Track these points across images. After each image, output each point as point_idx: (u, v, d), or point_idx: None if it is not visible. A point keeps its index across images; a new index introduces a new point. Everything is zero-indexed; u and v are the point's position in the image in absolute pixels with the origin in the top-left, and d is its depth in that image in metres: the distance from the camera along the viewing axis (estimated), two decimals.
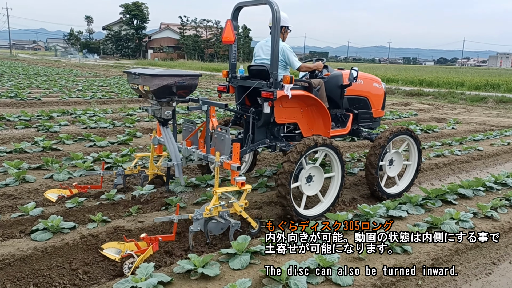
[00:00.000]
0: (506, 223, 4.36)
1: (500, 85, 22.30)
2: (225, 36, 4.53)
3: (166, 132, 4.39)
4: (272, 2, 4.30)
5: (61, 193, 4.64)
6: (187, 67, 43.34)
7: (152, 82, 3.90)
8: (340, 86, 5.22)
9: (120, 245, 3.48)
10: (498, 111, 15.43)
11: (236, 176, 3.82)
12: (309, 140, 4.26)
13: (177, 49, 72.15)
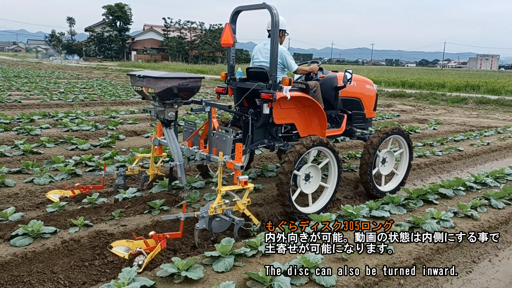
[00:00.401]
0: (485, 222, 4.44)
1: (480, 86, 22.75)
2: (224, 39, 4.66)
3: (169, 133, 4.47)
4: (272, 6, 4.42)
5: (63, 194, 4.67)
6: (171, 69, 43.06)
7: (157, 84, 3.99)
8: (335, 87, 5.38)
9: (129, 243, 3.54)
10: (478, 112, 15.73)
11: (239, 175, 3.93)
12: (307, 140, 4.40)
13: (161, 51, 71.62)
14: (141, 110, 11.76)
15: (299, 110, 4.89)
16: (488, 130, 10.65)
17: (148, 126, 9.36)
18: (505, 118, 14.08)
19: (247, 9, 4.91)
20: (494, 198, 5.04)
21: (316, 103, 4.87)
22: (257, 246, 3.51)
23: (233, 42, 4.70)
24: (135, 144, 7.37)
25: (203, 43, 71.84)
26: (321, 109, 4.91)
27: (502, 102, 17.63)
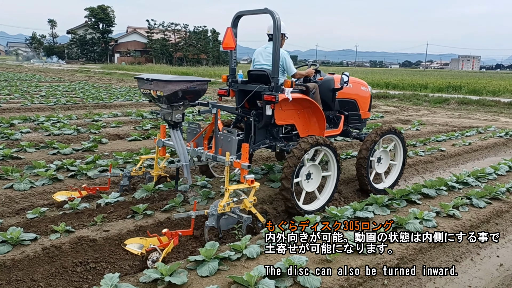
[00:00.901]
0: (467, 221, 4.51)
1: (461, 87, 23.15)
2: (226, 42, 4.75)
3: (176, 134, 4.60)
4: (273, 11, 4.58)
5: (71, 195, 4.68)
6: (155, 71, 42.76)
7: (166, 87, 4.11)
8: (332, 89, 5.58)
9: (142, 240, 3.59)
10: (460, 112, 15.99)
11: (246, 174, 4.07)
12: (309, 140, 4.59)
13: (144, 53, 71.13)
14: (125, 113, 11.63)
15: (299, 111, 5.05)
16: (469, 130, 10.82)
17: (131, 129, 9.26)
18: (486, 118, 14.34)
19: (248, 13, 5.07)
20: (476, 198, 5.11)
21: (315, 104, 5.04)
22: (242, 249, 3.49)
23: (234, 45, 4.84)
24: (118, 148, 7.28)
25: (188, 45, 71.60)
26: (320, 110, 5.08)
27: (483, 102, 17.95)
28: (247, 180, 4.04)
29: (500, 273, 3.77)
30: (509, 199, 5.27)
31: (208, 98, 16.74)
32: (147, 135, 8.35)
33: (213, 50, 74.42)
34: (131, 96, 16.94)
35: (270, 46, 5.00)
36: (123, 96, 16.53)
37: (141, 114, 11.12)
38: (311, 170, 4.79)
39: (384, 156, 5.74)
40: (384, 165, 5.79)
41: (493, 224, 4.69)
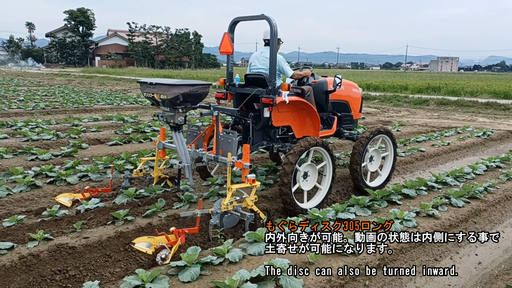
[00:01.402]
0: (446, 220, 4.58)
1: (440, 88, 23.56)
2: (223, 47, 4.95)
3: (178, 136, 4.72)
4: (270, 17, 4.74)
5: (74, 197, 4.70)
6: (137, 74, 42.40)
7: (170, 91, 4.24)
8: (325, 91, 5.74)
9: (150, 239, 3.69)
10: (439, 113, 16.28)
11: (247, 174, 4.21)
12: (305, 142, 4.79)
13: (126, 56, 70.40)
14: (105, 117, 11.49)
15: (295, 113, 5.22)
16: (448, 130, 11.02)
17: (112, 133, 9.14)
18: (464, 118, 14.63)
19: (245, 19, 5.24)
20: (454, 197, 5.20)
21: (310, 106, 5.19)
22: (224, 253, 3.48)
23: (232, 50, 5.02)
24: (99, 153, 7.17)
25: (170, 48, 71.15)
26: (315, 112, 5.24)
27: (461, 103, 18.31)
28: (248, 179, 4.18)
29: (479, 271, 3.84)
30: (486, 198, 5.38)
31: None
32: (128, 139, 8.25)
33: (195, 52, 74.16)
34: (112, 99, 16.75)
35: (266, 50, 5.19)
36: (104, 100, 16.32)
37: (122, 118, 11.00)
38: (307, 169, 4.97)
39: (375, 155, 5.98)
40: (376, 164, 6.03)
41: (471, 223, 4.78)
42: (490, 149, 9.54)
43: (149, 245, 3.67)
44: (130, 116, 11.42)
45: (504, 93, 21.11)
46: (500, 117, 15.01)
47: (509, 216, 5.26)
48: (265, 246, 3.65)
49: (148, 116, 12.41)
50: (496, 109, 16.90)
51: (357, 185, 5.75)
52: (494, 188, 5.79)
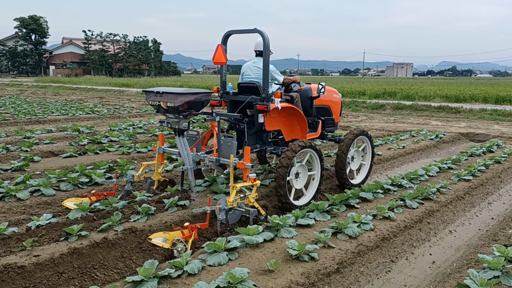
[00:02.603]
0: (401, 222, 4.71)
1: (396, 93, 24.40)
2: (217, 57, 5.30)
3: (182, 141, 5.09)
4: (263, 31, 5.20)
5: (82, 201, 4.82)
6: (93, 83, 41.28)
7: (177, 99, 4.60)
8: (310, 97, 6.19)
9: (166, 234, 4.06)
10: (395, 117, 16.84)
11: (249, 173, 4.60)
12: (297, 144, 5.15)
13: (82, 65, 68.38)
14: (60, 129, 11.07)
15: (285, 118, 5.65)
16: (403, 134, 11.40)
17: (67, 145, 8.81)
18: (419, 122, 15.20)
19: (238, 32, 5.69)
20: (409, 199, 5.37)
21: (299, 111, 5.64)
22: (183, 265, 3.41)
23: (225, 61, 5.37)
24: (52, 166, 6.88)
25: (128, 56, 69.80)
26: (303, 116, 5.68)
27: (416, 107, 19.02)
28: (250, 178, 4.56)
29: (433, 271, 3.97)
30: (439, 199, 5.58)
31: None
32: (83, 151, 7.98)
33: (155, 60, 73.12)
34: (67, 110, 16.20)
35: (258, 61, 5.68)
36: (59, 111, 15.75)
37: (77, 129, 10.64)
38: (299, 170, 5.35)
39: (356, 155, 6.48)
40: (356, 163, 6.54)
41: (425, 224, 4.94)
42: (443, 151, 9.95)
43: (164, 240, 4.02)
44: (86, 127, 11.07)
45: (455, 97, 22.14)
46: (451, 120, 15.71)
47: (460, 215, 5.48)
48: (226, 255, 3.62)
49: (105, 126, 12.07)
50: (448, 113, 17.68)
51: (342, 183, 6.21)
52: (446, 189, 6.02)
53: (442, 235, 4.86)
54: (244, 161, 4.72)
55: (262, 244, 3.95)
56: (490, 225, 5.15)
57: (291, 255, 3.67)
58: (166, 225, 4.40)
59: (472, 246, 4.45)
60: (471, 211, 5.69)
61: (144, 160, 7.60)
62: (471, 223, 5.26)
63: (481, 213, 5.63)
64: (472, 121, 15.52)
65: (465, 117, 16.57)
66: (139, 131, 10.71)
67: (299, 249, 3.68)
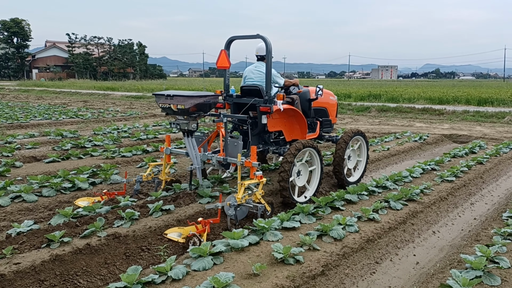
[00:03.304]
0: (386, 223, 4.75)
1: (381, 95, 24.65)
2: (220, 62, 5.59)
3: (190, 141, 5.35)
4: (265, 37, 5.51)
5: (94, 200, 5.15)
6: (78, 86, 40.80)
7: (187, 101, 4.88)
8: (309, 99, 6.42)
9: (181, 229, 4.34)
10: (380, 119, 17.00)
11: (255, 171, 4.84)
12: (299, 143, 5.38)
13: (66, 68, 67.57)
14: (42, 133, 10.90)
15: (286, 119, 5.88)
16: (388, 136, 11.50)
17: (49, 150, 8.68)
18: (403, 124, 15.38)
19: (240, 38, 5.96)
20: (393, 200, 5.42)
21: (299, 112, 5.89)
22: (167, 271, 3.38)
23: (229, 65, 5.64)
24: (34, 171, 6.76)
25: (113, 59, 69.20)
26: (302, 118, 5.93)
27: (400, 109, 19.25)
28: (257, 176, 4.81)
29: (417, 271, 4.00)
30: (423, 200, 5.64)
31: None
32: (66, 156, 7.86)
33: (140, 63, 72.62)
34: (51, 114, 15.97)
35: (259, 65, 5.91)
36: (41, 115, 15.52)
37: (60, 134, 10.48)
38: (300, 168, 5.60)
39: (352, 154, 6.75)
40: (353, 161, 6.81)
41: (409, 225, 4.99)
42: (426, 153, 10.08)
43: (179, 235, 4.26)
44: (70, 131, 10.92)
45: (438, 99, 22.48)
46: (435, 122, 15.93)
47: (443, 216, 5.55)
48: (211, 259, 3.60)
49: (89, 130, 11.93)
50: (432, 114, 17.92)
51: (339, 180, 6.47)
52: (429, 190, 6.09)
53: (426, 235, 4.90)
54: (251, 160, 4.94)
55: (247, 248, 3.94)
56: (473, 225, 5.23)
57: (277, 259, 3.67)
58: (150, 230, 4.35)
59: (455, 246, 4.51)
60: (454, 211, 5.76)
61: (129, 165, 7.53)
62: (454, 224, 5.32)
63: (464, 214, 5.71)
64: (455, 122, 15.76)
65: (448, 118, 16.82)
66: (124, 135, 10.60)
67: (284, 252, 3.67)
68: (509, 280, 3.39)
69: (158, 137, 10.48)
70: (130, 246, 4.12)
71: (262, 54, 5.86)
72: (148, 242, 4.22)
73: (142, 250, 4.12)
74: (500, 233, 4.36)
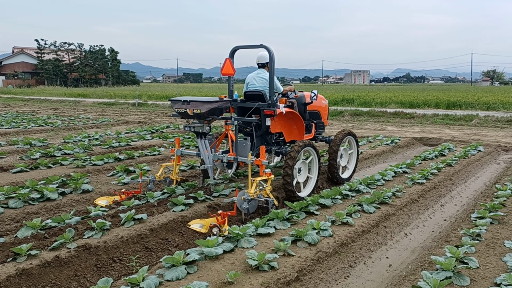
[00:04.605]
0: (359, 227, 4.80)
1: (354, 100, 25.05)
2: (225, 69, 6.15)
3: (204, 143, 5.80)
4: (269, 47, 6.00)
5: (115, 199, 5.58)
6: (47, 93, 39.78)
7: (204, 106, 5.35)
8: (304, 103, 6.95)
9: (202, 221, 4.83)
10: (353, 123, 17.26)
11: (264, 169, 5.37)
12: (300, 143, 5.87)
13: (35, 75, 65.76)
14: (10, 142, 10.55)
15: (286, 121, 6.35)
16: (361, 140, 11.67)
17: (17, 159, 8.40)
18: (376, 127, 15.65)
19: (244, 48, 6.40)
20: (366, 204, 5.49)
21: (298, 115, 6.42)
22: (139, 282, 3.31)
23: (233, 72, 6.20)
24: (0, 182, 6.52)
25: (84, 65, 67.84)
26: (301, 120, 6.47)
27: (373, 113, 19.60)
28: (266, 173, 5.31)
29: (389, 274, 4.05)
30: (395, 203, 5.75)
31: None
32: (35, 165, 7.62)
33: (112, 69, 71.44)
34: (18, 122, 15.49)
35: (261, 72, 6.35)
36: (9, 123, 15.03)
37: (29, 142, 10.17)
38: (300, 166, 6.05)
39: (344, 153, 7.28)
40: (345, 159, 7.34)
41: (382, 228, 5.06)
42: (398, 156, 10.28)
43: (201, 226, 4.72)
44: (39, 140, 10.61)
45: (409, 103, 23.02)
46: (406, 125, 16.29)
47: (415, 218, 5.66)
48: (184, 268, 3.55)
49: (59, 139, 11.63)
50: (403, 118, 18.32)
51: (333, 177, 6.95)
52: (401, 193, 6.21)
53: (398, 238, 4.98)
54: (260, 158, 5.46)
55: (222, 256, 3.91)
56: (443, 226, 5.35)
57: (251, 266, 3.65)
58: (122, 241, 4.26)
59: (426, 247, 4.59)
60: (425, 213, 5.88)
61: (100, 173, 7.37)
62: (425, 225, 5.43)
63: (435, 215, 5.84)
64: (425, 126, 16.16)
65: (418, 122, 17.23)
66: (95, 143, 10.37)
67: (259, 259, 3.66)
68: (478, 280, 3.47)
69: (131, 145, 10.31)
70: (101, 257, 4.02)
71: (263, 62, 6.34)
72: (120, 253, 4.13)
73: (113, 261, 4.02)
74: (469, 234, 4.48)
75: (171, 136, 11.72)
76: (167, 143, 10.77)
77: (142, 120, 17.54)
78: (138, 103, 27.67)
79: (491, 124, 15.93)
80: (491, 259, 3.89)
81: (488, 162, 9.40)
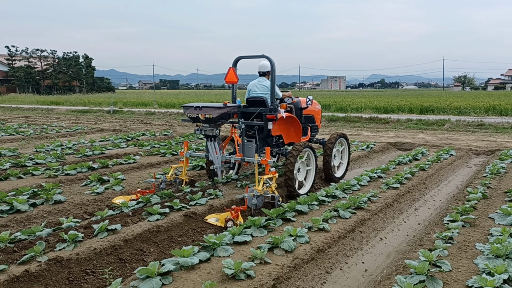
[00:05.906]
0: (335, 232, 4.83)
1: (330, 105, 25.35)
2: (229, 77, 6.58)
3: (213, 145, 6.32)
4: (270, 57, 6.59)
5: (132, 198, 5.92)
6: (19, 101, 38.80)
7: (215, 111, 5.91)
8: (300, 108, 7.44)
9: (217, 215, 5.32)
10: (330, 129, 17.41)
11: (270, 168, 5.91)
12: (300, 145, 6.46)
13: (6, 82, 64.05)
14: None
15: (285, 125, 6.87)
16: None
17: None
18: (351, 133, 15.85)
19: (247, 58, 6.98)
20: (342, 209, 5.53)
21: (296, 119, 6.97)
22: None
23: (236, 80, 6.60)
24: None
25: (57, 72, 66.51)
26: (299, 123, 7.02)
27: (349, 118, 19.87)
28: (271, 172, 5.85)
29: (365, 279, 4.09)
30: (370, 208, 5.81)
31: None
32: (5, 176, 7.38)
33: (86, 76, 70.25)
34: None
35: (262, 80, 6.89)
36: None
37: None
38: (299, 165, 6.55)
39: (336, 154, 7.86)
40: (337, 159, 7.95)
41: (358, 233, 5.11)
42: (373, 161, 10.43)
43: (217, 220, 5.21)
44: (9, 149, 10.29)
45: (384, 108, 23.47)
46: (381, 130, 16.57)
47: (390, 222, 5.74)
48: (159, 280, 3.49)
49: (31, 148, 11.33)
50: (378, 123, 18.64)
51: (328, 176, 7.57)
52: (376, 198, 6.29)
53: (374, 242, 5.04)
54: (266, 158, 5.97)
55: (198, 265, 3.86)
56: (417, 230, 5.44)
57: (227, 275, 3.62)
58: (95, 252, 4.15)
59: (401, 252, 4.66)
60: (399, 217, 5.97)
61: (73, 183, 7.20)
62: (400, 230, 5.51)
63: (409, 219, 5.93)
64: (399, 130, 16.48)
65: (393, 127, 17.56)
66: (68, 152, 10.13)
67: (235, 268, 3.63)
68: (451, 283, 3.54)
69: (106, 153, 10.11)
70: (74, 270, 3.91)
71: (264, 70, 6.90)
72: (93, 265, 4.03)
73: (86, 274, 3.92)
74: (442, 237, 4.56)
75: (147, 144, 11.56)
76: (142, 151, 10.61)
77: (117, 128, 17.28)
78: (113, 110, 27.26)
79: (462, 129, 16.38)
80: (463, 261, 3.97)
81: (460, 165, 9.64)
